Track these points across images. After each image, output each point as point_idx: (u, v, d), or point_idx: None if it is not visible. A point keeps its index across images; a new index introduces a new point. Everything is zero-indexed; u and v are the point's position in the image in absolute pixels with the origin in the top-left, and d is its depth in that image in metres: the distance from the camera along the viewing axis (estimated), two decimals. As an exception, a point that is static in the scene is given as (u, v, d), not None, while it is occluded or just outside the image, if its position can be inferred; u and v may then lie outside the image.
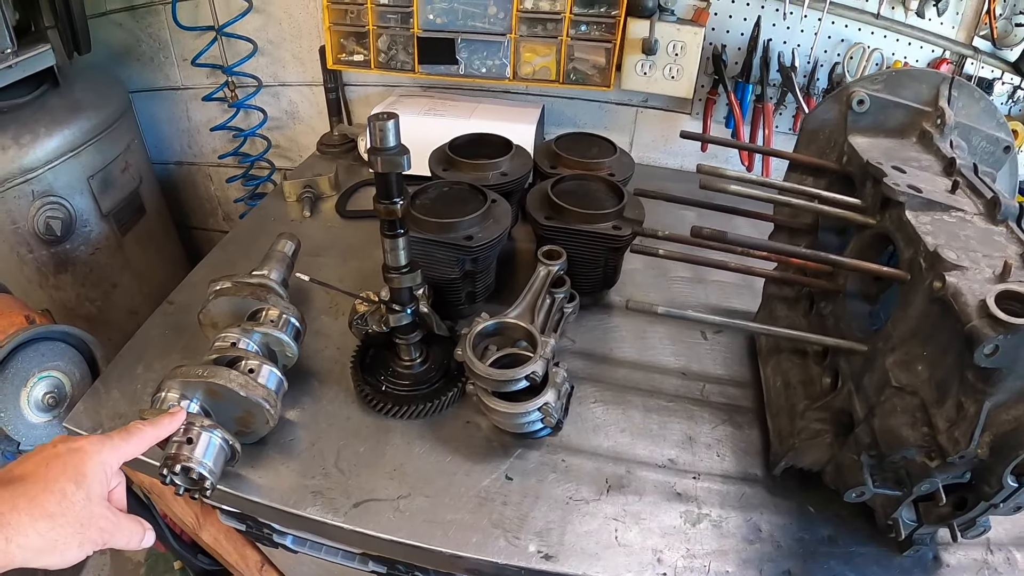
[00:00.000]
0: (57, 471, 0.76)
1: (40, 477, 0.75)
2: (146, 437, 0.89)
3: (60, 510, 0.73)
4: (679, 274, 1.57)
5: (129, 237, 2.05)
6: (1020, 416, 0.75)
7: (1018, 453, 0.75)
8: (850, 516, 1.05)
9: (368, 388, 1.17)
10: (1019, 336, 0.69)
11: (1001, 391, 0.75)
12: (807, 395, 1.10)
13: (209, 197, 2.57)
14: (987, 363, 0.72)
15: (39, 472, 0.75)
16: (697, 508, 1.06)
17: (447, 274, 1.24)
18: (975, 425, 0.76)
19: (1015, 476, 0.79)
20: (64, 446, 0.79)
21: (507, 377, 1.02)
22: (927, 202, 0.91)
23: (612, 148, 1.54)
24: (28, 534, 0.70)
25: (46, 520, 0.72)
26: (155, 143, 2.37)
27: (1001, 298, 0.73)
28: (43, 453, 0.78)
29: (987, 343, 0.70)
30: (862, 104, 1.09)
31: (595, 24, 1.70)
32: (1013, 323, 0.69)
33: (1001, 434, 0.76)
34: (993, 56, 1.76)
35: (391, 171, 0.94)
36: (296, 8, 2.00)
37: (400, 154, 0.92)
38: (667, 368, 1.32)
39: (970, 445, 0.77)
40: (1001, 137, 1.12)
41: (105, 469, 0.80)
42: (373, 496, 1.04)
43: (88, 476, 0.78)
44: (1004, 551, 1.04)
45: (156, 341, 1.32)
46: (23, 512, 0.71)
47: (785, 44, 1.77)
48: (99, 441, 0.82)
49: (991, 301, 0.72)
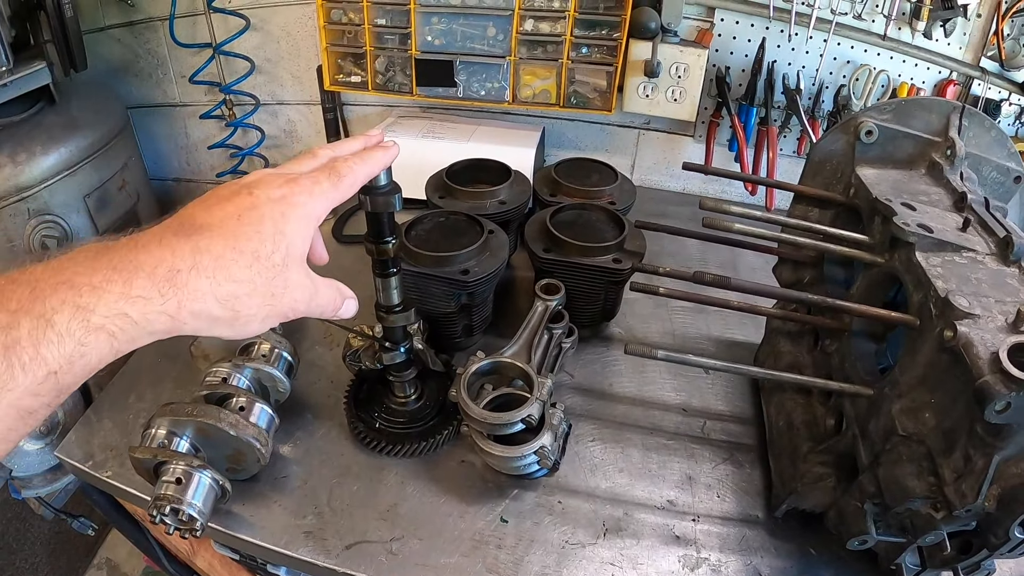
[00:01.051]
0: (252, 227, 0.62)
1: (230, 232, 0.61)
2: (359, 177, 0.75)
3: (249, 276, 0.61)
4: (680, 304, 1.53)
5: (125, 256, 2.02)
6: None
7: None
8: (852, 559, 1.03)
9: (361, 425, 1.14)
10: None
11: (1011, 445, 0.73)
12: (810, 436, 1.08)
13: (208, 216, 2.54)
14: (998, 419, 0.70)
15: (228, 225, 0.61)
16: (696, 552, 1.04)
17: (443, 308, 1.22)
18: (983, 479, 0.74)
19: (1023, 528, 0.76)
20: (263, 192, 0.65)
21: (502, 421, 1.00)
22: (938, 243, 0.89)
23: (613, 175, 1.52)
24: (206, 301, 0.58)
25: (231, 285, 0.60)
26: (153, 159, 2.35)
27: (1014, 351, 0.70)
28: (237, 199, 0.64)
29: (999, 400, 0.68)
30: (870, 135, 1.06)
31: (596, 46, 1.68)
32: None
33: (1009, 488, 0.74)
34: (1001, 77, 1.74)
35: (383, 211, 0.91)
36: (294, 27, 1.99)
37: (392, 193, 0.89)
38: (667, 404, 1.29)
39: (977, 499, 0.74)
40: (1012, 167, 1.09)
41: (310, 224, 0.68)
42: (366, 538, 1.02)
43: (289, 235, 0.64)
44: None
45: (148, 370, 1.29)
46: (204, 274, 0.58)
47: (790, 66, 1.75)
48: (306, 189, 0.67)
49: (1004, 355, 0.69)
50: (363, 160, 0.77)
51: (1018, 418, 0.69)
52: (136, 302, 0.54)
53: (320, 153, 0.77)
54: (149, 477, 0.97)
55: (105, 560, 2.44)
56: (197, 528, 0.94)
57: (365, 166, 0.77)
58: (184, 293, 0.57)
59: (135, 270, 0.55)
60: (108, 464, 1.10)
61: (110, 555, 2.45)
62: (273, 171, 0.71)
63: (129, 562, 2.43)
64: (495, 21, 1.66)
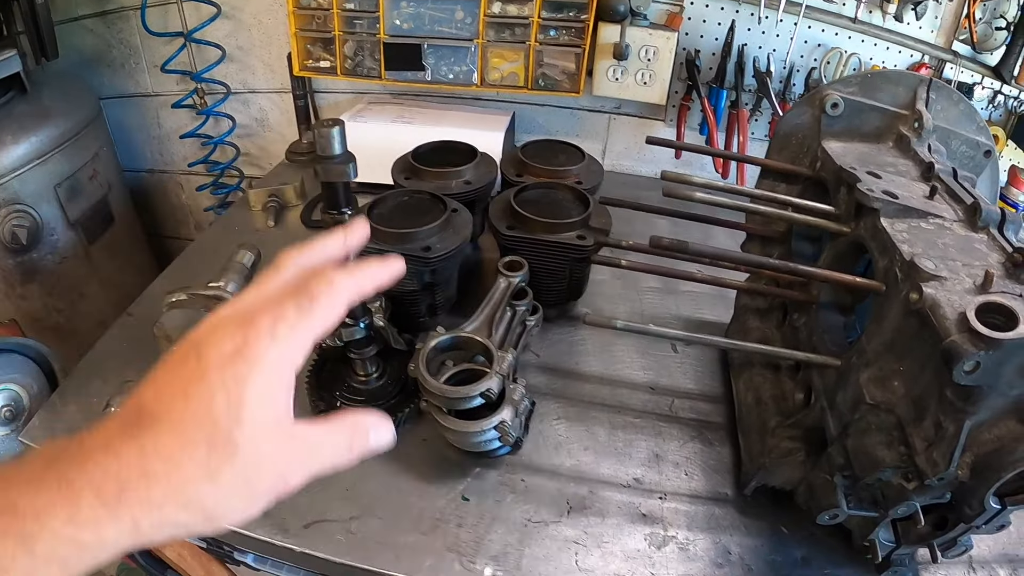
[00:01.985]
0: (201, 406, 0.49)
1: (177, 419, 0.49)
2: (339, 296, 0.55)
3: (208, 470, 0.49)
4: (649, 284, 1.54)
5: (97, 246, 2.01)
6: (1003, 436, 0.72)
7: (1000, 475, 0.71)
8: (824, 536, 1.02)
9: (323, 404, 1.13)
10: (1001, 352, 0.66)
11: (983, 410, 0.72)
12: (779, 411, 1.07)
13: (180, 206, 2.54)
14: (967, 381, 0.69)
15: (176, 410, 0.49)
16: (663, 530, 1.03)
17: (405, 286, 1.21)
18: (954, 446, 0.73)
19: (998, 498, 0.75)
20: (212, 353, 0.50)
21: (461, 395, 0.99)
22: (903, 208, 0.88)
23: (580, 155, 1.51)
24: (165, 510, 0.48)
25: (190, 487, 0.48)
26: (126, 150, 2.34)
27: (982, 311, 0.69)
28: (183, 369, 0.51)
29: (967, 360, 0.67)
30: (836, 107, 1.06)
31: (564, 29, 1.68)
32: (995, 338, 0.65)
33: (983, 455, 0.73)
34: (973, 60, 1.75)
35: (337, 180, 0.90)
36: (265, 15, 1.98)
37: (345, 162, 0.89)
38: (635, 382, 1.28)
39: (949, 467, 0.73)
40: (982, 141, 1.09)
41: (282, 377, 0.51)
42: (325, 517, 1.01)
43: (250, 402, 0.50)
44: (987, 569, 1.02)
45: (114, 354, 1.28)
46: (156, 482, 0.47)
47: (760, 49, 1.75)
48: (267, 332, 0.51)
49: (971, 314, 0.68)
50: (347, 272, 0.57)
51: (987, 379, 0.68)
52: (86, 526, 0.46)
53: (284, 264, 0.59)
54: None
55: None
56: None
57: (350, 279, 0.57)
58: (138, 508, 0.47)
59: (81, 488, 0.46)
60: None
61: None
62: (229, 312, 0.55)
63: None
64: (463, 4, 1.66)
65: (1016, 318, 0.67)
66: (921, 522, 0.84)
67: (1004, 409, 0.72)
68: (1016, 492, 0.75)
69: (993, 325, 0.67)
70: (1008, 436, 0.72)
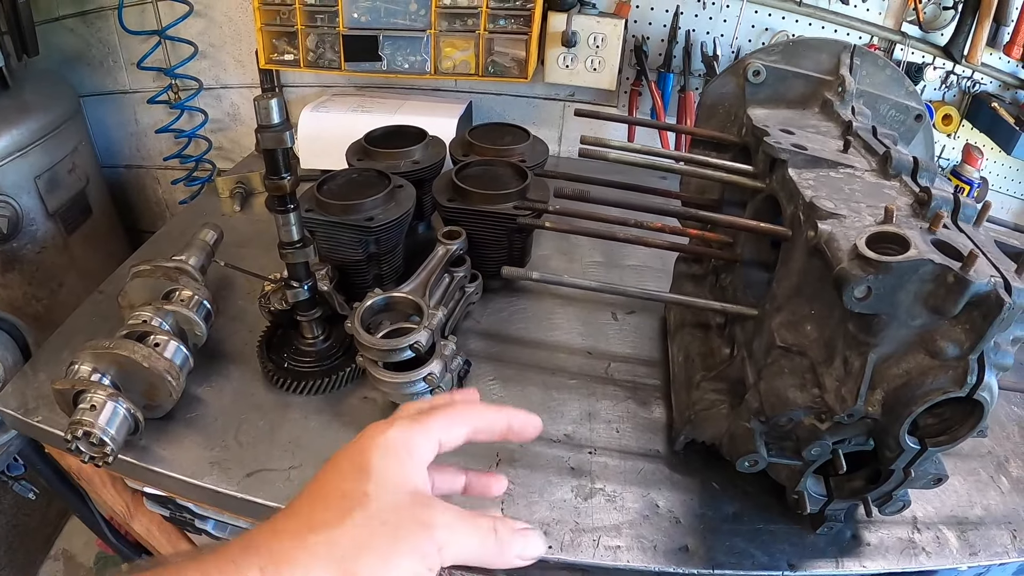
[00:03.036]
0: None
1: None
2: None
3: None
4: (593, 259, 1.59)
5: (75, 237, 2.08)
6: (911, 369, 0.73)
7: (911, 409, 0.72)
8: (759, 493, 1.05)
9: (271, 365, 1.20)
10: (893, 276, 0.67)
11: (886, 341, 0.73)
12: (705, 367, 1.09)
13: (157, 200, 2.60)
14: (861, 308, 0.69)
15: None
16: (591, 483, 1.06)
17: (352, 256, 1.27)
18: (861, 379, 0.74)
19: (915, 438, 0.76)
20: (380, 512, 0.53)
21: (391, 346, 1.04)
22: (812, 159, 0.90)
23: (525, 135, 1.57)
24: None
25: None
26: (106, 146, 2.41)
27: (875, 239, 0.70)
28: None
29: (857, 284, 0.67)
30: (758, 75, 1.08)
31: (513, 17, 1.74)
32: (884, 261, 0.66)
33: (893, 390, 0.74)
34: (923, 41, 1.79)
35: (276, 147, 0.97)
36: (236, 12, 2.05)
37: (284, 130, 0.95)
38: (573, 347, 1.33)
39: (857, 401, 0.75)
40: (912, 105, 1.11)
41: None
42: (267, 467, 1.06)
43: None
44: (933, 530, 1.04)
45: (84, 328, 1.34)
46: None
47: (708, 34, 1.82)
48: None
49: (862, 242, 0.69)
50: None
51: (881, 306, 0.69)
52: None
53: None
54: (71, 410, 1.02)
55: (61, 551, 2.47)
56: (108, 453, 0.99)
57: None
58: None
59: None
60: (39, 411, 1.15)
61: (66, 546, 2.48)
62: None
63: (84, 552, 2.46)
64: (417, -4, 1.73)
65: (908, 244, 0.68)
66: (842, 468, 0.85)
67: (910, 341, 0.72)
68: (938, 434, 0.77)
69: (887, 253, 0.67)
70: (916, 370, 0.72)
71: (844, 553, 0.99)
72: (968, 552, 1.01)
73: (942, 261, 0.66)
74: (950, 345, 0.70)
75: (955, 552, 1.01)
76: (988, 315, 0.66)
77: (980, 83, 1.87)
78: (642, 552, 0.97)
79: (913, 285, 0.68)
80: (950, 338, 0.70)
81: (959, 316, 0.69)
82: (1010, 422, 1.27)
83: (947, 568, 1.01)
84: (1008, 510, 1.09)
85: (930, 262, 0.66)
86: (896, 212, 0.74)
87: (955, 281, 0.66)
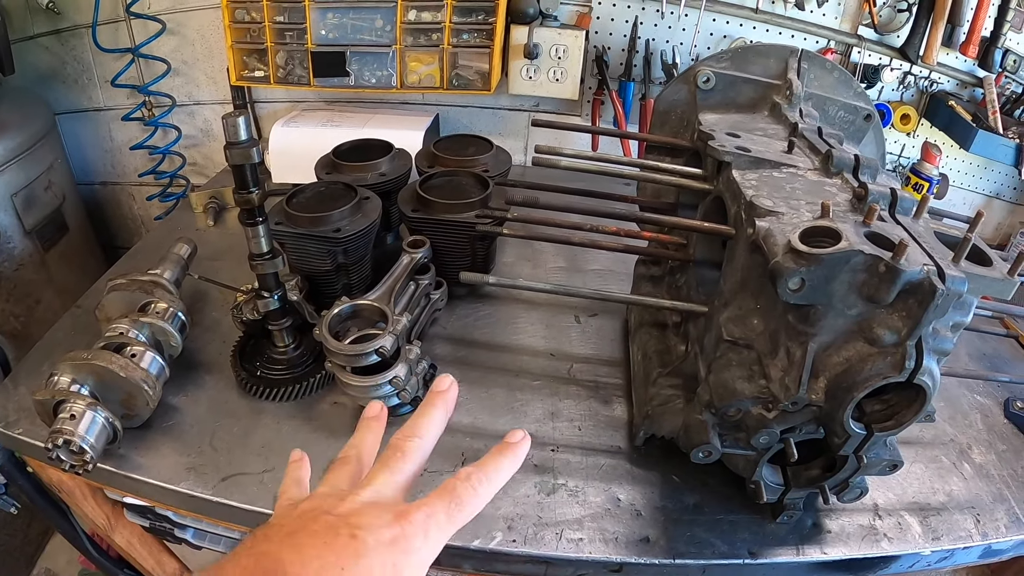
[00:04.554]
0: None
1: None
2: (482, 501, 0.62)
3: None
4: (556, 264, 1.64)
5: (52, 254, 2.11)
6: (851, 357, 0.76)
7: (853, 395, 0.74)
8: (719, 485, 1.08)
9: (245, 373, 1.24)
10: (824, 268, 0.69)
11: (824, 331, 0.76)
12: (661, 363, 1.12)
13: (133, 216, 2.63)
14: (796, 299, 0.72)
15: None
16: (553, 479, 1.09)
17: (320, 267, 1.31)
18: (802, 368, 0.77)
19: (861, 424, 0.79)
20: (371, 536, 0.53)
21: (357, 352, 1.08)
22: (755, 160, 0.93)
23: (489, 146, 1.62)
24: None
25: None
26: (81, 164, 2.43)
27: (809, 234, 0.72)
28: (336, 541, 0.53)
29: (790, 277, 0.70)
30: (708, 82, 1.11)
31: (476, 31, 1.79)
32: (814, 254, 0.69)
33: (834, 377, 0.76)
34: (879, 43, 1.84)
35: (244, 162, 1.01)
36: (208, 30, 2.09)
37: (251, 146, 1.00)
38: (536, 350, 1.37)
39: (800, 390, 0.77)
40: (860, 106, 1.14)
41: (425, 569, 0.56)
42: (241, 471, 1.10)
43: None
44: (895, 516, 1.07)
45: (63, 342, 1.37)
46: None
47: (668, 43, 1.87)
48: (421, 529, 0.56)
49: (795, 236, 0.72)
50: (489, 475, 0.63)
51: (816, 297, 0.72)
52: None
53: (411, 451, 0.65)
54: (51, 420, 1.05)
55: (44, 570, 2.48)
56: (88, 461, 1.03)
57: (491, 485, 0.63)
58: None
59: None
60: (20, 423, 1.17)
61: (49, 565, 2.48)
62: (371, 496, 0.59)
63: (67, 570, 2.45)
64: (382, 13, 1.77)
65: (840, 237, 0.70)
66: (794, 456, 0.88)
67: (849, 330, 0.75)
68: (885, 420, 0.80)
69: (820, 247, 0.70)
70: (856, 357, 0.75)
71: (805, 541, 1.03)
72: (931, 537, 1.05)
73: (872, 251, 0.70)
74: (887, 332, 0.73)
75: (917, 537, 1.05)
76: (923, 302, 0.69)
77: (937, 82, 1.92)
78: (604, 544, 1.01)
79: (846, 275, 0.71)
80: (887, 325, 0.73)
81: (895, 304, 0.72)
82: (972, 410, 1.32)
83: (909, 553, 1.04)
84: (971, 495, 1.13)
85: (860, 253, 0.70)
86: (833, 208, 0.76)
87: (886, 270, 0.69)
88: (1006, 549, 1.10)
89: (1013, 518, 1.10)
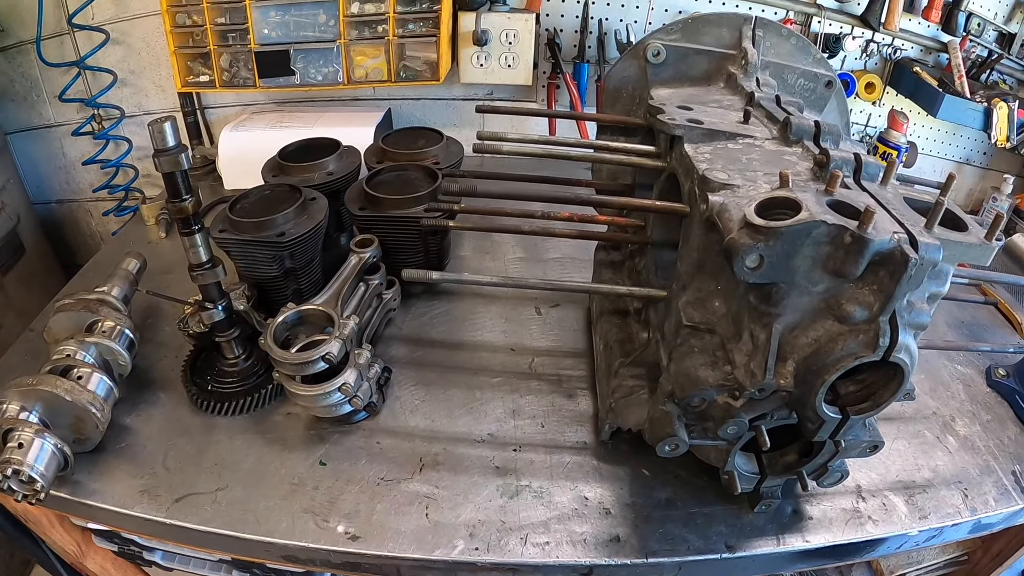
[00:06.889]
0: None
1: None
2: None
3: None
4: (515, 255, 1.61)
5: (10, 277, 2.06)
6: (820, 337, 0.72)
7: (824, 379, 0.71)
8: (692, 477, 1.05)
9: (195, 388, 1.20)
10: (784, 242, 0.65)
11: (789, 311, 0.72)
12: (623, 353, 1.09)
13: (91, 233, 2.58)
14: (756, 278, 0.68)
15: None
16: (516, 480, 1.07)
17: (268, 273, 1.28)
18: (768, 352, 0.73)
19: (835, 407, 0.76)
20: None
21: (302, 360, 1.05)
22: (709, 132, 0.90)
23: (439, 137, 1.58)
24: None
25: None
26: (36, 182, 2.38)
27: (766, 206, 0.69)
28: None
29: (747, 254, 0.66)
30: (658, 55, 1.08)
31: (422, 20, 1.75)
32: (772, 227, 0.65)
33: (803, 360, 0.73)
34: (840, 12, 1.82)
35: (174, 169, 0.98)
36: (153, 37, 2.04)
37: (180, 152, 0.96)
38: (495, 346, 1.34)
39: (766, 375, 0.73)
40: (820, 72, 1.11)
41: None
42: (194, 490, 1.07)
43: None
44: (879, 497, 1.05)
45: (16, 367, 1.34)
46: None
47: (621, 21, 1.84)
48: None
49: (750, 210, 0.68)
50: None
51: (777, 274, 0.68)
52: None
53: None
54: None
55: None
56: (39, 490, 0.99)
57: None
58: None
59: None
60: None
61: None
62: None
63: (48, 596, 2.44)
64: (325, 8, 1.73)
65: (800, 208, 0.66)
66: (766, 444, 0.85)
67: (816, 308, 0.72)
68: (861, 401, 0.77)
69: (779, 219, 0.66)
70: (825, 337, 0.71)
71: (785, 530, 1.00)
72: (918, 516, 1.03)
73: (836, 221, 0.66)
74: (858, 308, 0.69)
75: (904, 518, 1.02)
76: (895, 273, 0.65)
77: (901, 49, 1.90)
78: (572, 546, 0.98)
79: (808, 249, 0.67)
80: (857, 301, 0.70)
81: (864, 278, 0.69)
82: (954, 381, 1.29)
83: (896, 535, 1.02)
84: (957, 469, 1.11)
85: (823, 223, 0.65)
86: (793, 177, 0.73)
87: (853, 241, 0.65)
88: (996, 522, 1.08)
89: (1002, 490, 1.08)
